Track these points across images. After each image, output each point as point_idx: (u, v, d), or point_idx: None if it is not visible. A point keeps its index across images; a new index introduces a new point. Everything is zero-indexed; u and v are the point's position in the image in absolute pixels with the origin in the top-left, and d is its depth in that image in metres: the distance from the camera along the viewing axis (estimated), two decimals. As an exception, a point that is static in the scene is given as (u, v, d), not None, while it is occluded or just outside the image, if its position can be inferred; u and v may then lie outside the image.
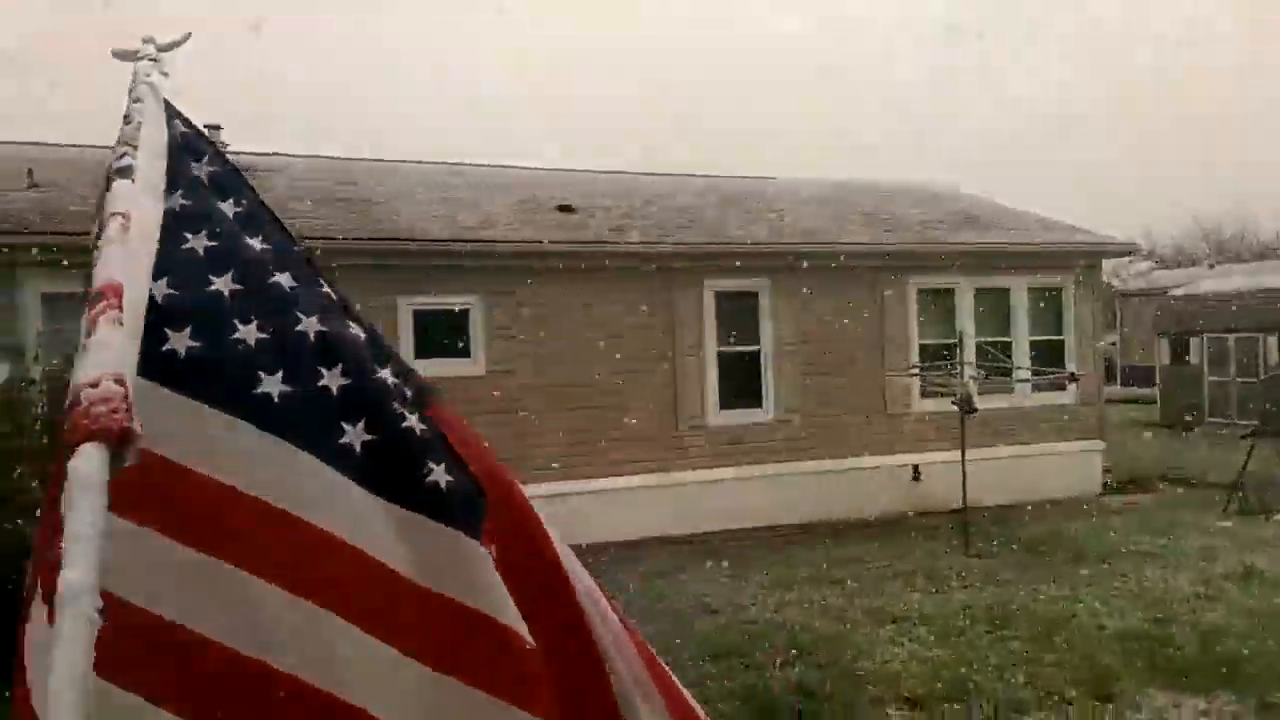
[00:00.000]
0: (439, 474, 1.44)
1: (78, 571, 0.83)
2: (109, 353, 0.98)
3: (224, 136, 12.14)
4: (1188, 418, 21.83)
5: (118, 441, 0.91)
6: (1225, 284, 23.88)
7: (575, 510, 10.83)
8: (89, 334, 1.01)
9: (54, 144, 12.62)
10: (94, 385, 0.93)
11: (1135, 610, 7.26)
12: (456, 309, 10.76)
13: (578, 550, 1.53)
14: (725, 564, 9.47)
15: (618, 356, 11.25)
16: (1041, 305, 13.37)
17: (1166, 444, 18.62)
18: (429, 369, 10.46)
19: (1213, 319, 22.12)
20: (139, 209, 1.25)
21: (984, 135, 64.82)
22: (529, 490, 1.66)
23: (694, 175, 16.39)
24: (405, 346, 10.43)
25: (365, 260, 10.18)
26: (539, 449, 10.72)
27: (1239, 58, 57.18)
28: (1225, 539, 9.77)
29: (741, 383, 11.90)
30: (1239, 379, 21.11)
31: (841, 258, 12.19)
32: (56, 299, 9.03)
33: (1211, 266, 36.88)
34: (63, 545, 0.84)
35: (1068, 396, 13.34)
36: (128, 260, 1.15)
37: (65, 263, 8.77)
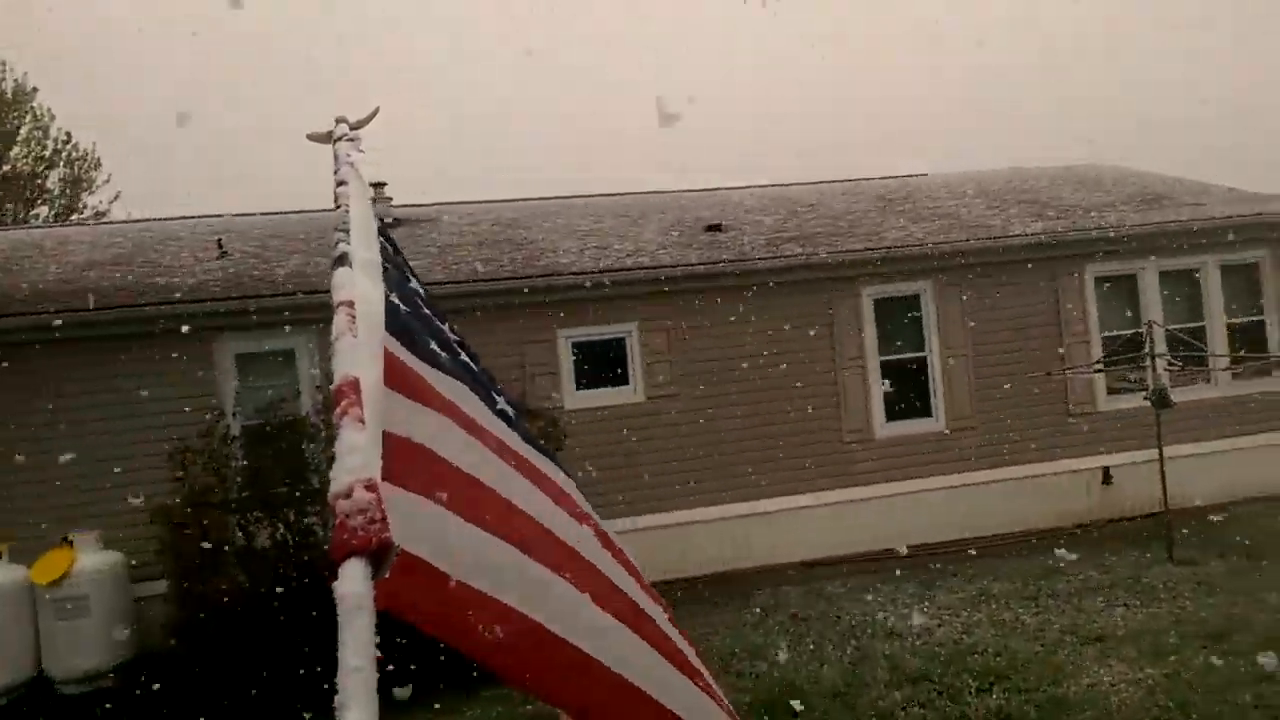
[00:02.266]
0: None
1: (357, 712, 0.82)
2: (356, 457, 0.99)
3: (388, 191, 12.83)
4: None
5: (377, 553, 0.92)
6: None
7: (744, 533, 10.70)
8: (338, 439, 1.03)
9: (237, 214, 13.69)
10: (347, 496, 0.94)
11: (1383, 619, 6.47)
12: (613, 338, 10.89)
13: (753, 571, 1.76)
14: (906, 582, 9.10)
15: (777, 373, 11.07)
16: (1235, 283, 12.27)
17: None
18: (590, 400, 10.64)
19: None
20: (360, 293, 1.28)
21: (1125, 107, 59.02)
22: (692, 515, 2.21)
23: (844, 180, 16.01)
24: (566, 378, 10.63)
25: (525, 298, 10.46)
26: (700, 473, 10.66)
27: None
28: None
29: (909, 392, 11.47)
30: None
31: (1018, 250, 11.60)
32: (249, 358, 9.77)
33: None
34: (339, 680, 0.83)
35: (1275, 382, 12.16)
36: (359, 351, 1.16)
37: (255, 323, 9.51)
